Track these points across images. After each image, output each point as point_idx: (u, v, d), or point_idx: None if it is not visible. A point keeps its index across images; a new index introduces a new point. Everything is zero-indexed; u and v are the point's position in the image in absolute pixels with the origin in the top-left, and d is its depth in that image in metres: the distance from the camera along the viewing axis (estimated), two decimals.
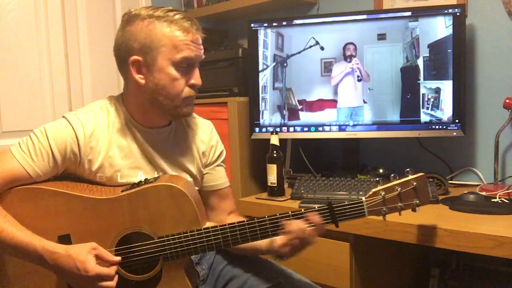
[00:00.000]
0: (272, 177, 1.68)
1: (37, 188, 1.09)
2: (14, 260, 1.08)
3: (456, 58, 1.64)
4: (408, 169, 1.09)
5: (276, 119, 1.86)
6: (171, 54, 1.10)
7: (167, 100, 1.13)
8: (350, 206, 1.08)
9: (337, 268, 1.45)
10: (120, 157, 1.15)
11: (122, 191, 1.10)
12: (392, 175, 1.10)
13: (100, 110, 1.17)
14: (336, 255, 1.44)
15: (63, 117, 1.15)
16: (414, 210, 1.10)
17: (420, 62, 1.69)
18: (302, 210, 1.08)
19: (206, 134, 1.29)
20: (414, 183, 1.08)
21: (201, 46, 1.15)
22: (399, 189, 1.08)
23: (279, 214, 1.08)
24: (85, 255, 1.00)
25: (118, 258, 1.06)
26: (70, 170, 1.15)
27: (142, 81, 1.12)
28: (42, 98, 1.93)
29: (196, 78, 1.14)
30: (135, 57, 1.11)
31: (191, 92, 1.15)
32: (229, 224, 1.08)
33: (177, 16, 1.10)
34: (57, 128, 1.12)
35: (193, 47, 1.12)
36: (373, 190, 1.09)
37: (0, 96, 1.81)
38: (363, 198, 1.08)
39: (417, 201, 1.09)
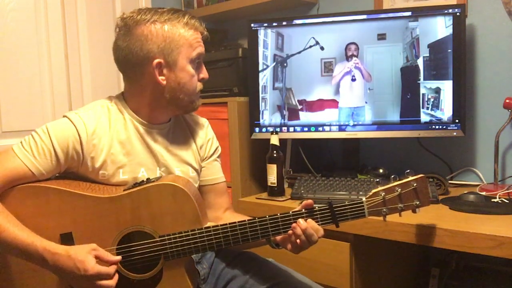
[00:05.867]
0: (272, 177, 1.68)
1: (39, 186, 1.10)
2: (15, 259, 1.08)
3: (456, 58, 1.64)
4: (408, 170, 1.09)
5: (276, 119, 1.86)
6: (188, 53, 1.16)
7: (186, 96, 1.19)
8: (350, 207, 1.08)
9: (337, 268, 1.45)
10: (122, 153, 1.17)
11: (124, 190, 1.11)
12: (393, 176, 1.10)
13: (101, 108, 1.19)
14: (336, 255, 1.44)
15: (65, 116, 1.16)
16: (414, 211, 1.10)
17: (420, 62, 1.69)
18: (303, 210, 1.08)
19: (202, 129, 1.34)
20: (414, 184, 1.08)
21: (203, 44, 1.23)
22: (399, 190, 1.08)
23: (280, 214, 1.09)
24: (84, 255, 1.01)
25: (118, 258, 1.06)
26: (73, 168, 1.16)
27: (164, 82, 1.16)
28: (42, 98, 1.93)
29: (204, 72, 1.24)
30: (158, 60, 1.14)
31: (201, 86, 1.23)
32: (230, 223, 1.09)
33: (186, 16, 1.17)
34: (59, 127, 1.13)
35: (202, 44, 1.20)
36: (374, 190, 1.09)
37: (0, 96, 1.81)
38: (364, 199, 1.08)
39: (417, 202, 1.09)
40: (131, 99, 1.21)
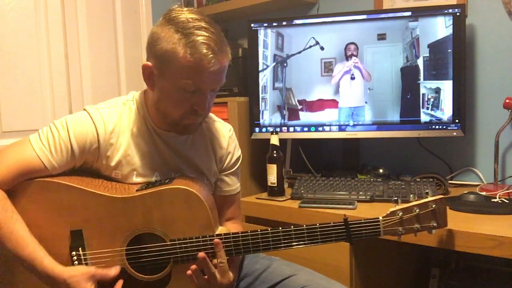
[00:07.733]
0: (272, 177, 1.68)
1: (52, 181, 1.09)
2: None
3: (456, 58, 1.64)
4: (427, 191, 1.08)
5: (276, 119, 1.86)
6: (177, 76, 1.04)
7: (165, 115, 1.12)
8: (366, 225, 1.07)
9: (337, 268, 1.44)
10: (138, 156, 1.15)
11: (137, 190, 1.10)
12: (412, 194, 1.08)
13: (122, 106, 1.16)
14: (336, 255, 1.44)
15: (84, 109, 1.14)
16: (430, 232, 1.08)
17: (420, 62, 1.69)
18: (317, 224, 1.07)
19: (225, 140, 1.28)
20: (433, 206, 1.07)
21: (218, 76, 1.07)
22: (417, 210, 1.06)
23: (293, 227, 1.08)
24: (84, 285, 1.01)
25: (117, 269, 1.07)
26: (88, 163, 1.14)
27: (151, 87, 1.12)
28: (42, 98, 1.92)
29: (200, 105, 1.08)
30: (149, 63, 1.09)
31: (191, 118, 1.11)
32: (241, 232, 1.08)
33: (199, 38, 1.02)
34: (78, 122, 1.11)
35: (201, 76, 1.04)
36: (391, 209, 1.07)
37: (0, 96, 1.81)
38: (380, 217, 1.07)
39: (435, 224, 1.07)
40: (147, 98, 1.17)
